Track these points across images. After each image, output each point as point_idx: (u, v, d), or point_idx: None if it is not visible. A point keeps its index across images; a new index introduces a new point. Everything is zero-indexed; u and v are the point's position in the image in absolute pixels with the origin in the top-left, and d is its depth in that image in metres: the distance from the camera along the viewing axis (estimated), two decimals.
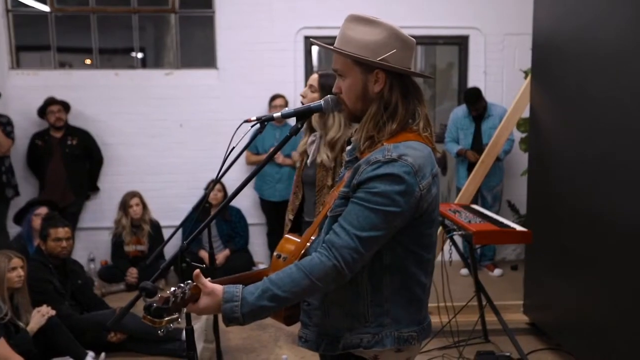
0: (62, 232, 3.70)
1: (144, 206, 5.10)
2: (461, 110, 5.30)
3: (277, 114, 1.81)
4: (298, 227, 2.76)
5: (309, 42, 5.53)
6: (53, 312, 3.32)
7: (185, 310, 1.43)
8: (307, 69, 5.58)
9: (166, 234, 5.21)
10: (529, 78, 4.00)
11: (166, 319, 1.35)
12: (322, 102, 1.70)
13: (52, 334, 3.27)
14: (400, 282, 1.48)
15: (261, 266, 5.42)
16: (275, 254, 1.63)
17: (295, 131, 1.75)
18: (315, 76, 2.65)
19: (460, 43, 5.70)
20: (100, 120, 5.37)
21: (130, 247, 5.05)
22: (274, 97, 5.27)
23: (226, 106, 5.38)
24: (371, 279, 1.47)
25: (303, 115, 1.73)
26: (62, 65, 5.67)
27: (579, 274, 3.19)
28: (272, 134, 5.20)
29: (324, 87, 2.53)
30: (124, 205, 5.05)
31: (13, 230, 5.05)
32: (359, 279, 1.46)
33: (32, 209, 4.42)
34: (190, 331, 1.80)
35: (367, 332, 1.49)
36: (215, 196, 5.10)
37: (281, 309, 1.48)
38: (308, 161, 2.66)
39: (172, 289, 1.36)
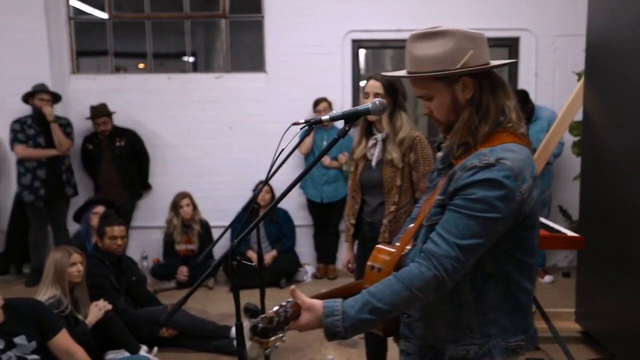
0: (117, 230, 3.85)
1: (194, 206, 5.23)
2: None
3: (325, 117, 1.85)
4: (358, 230, 2.79)
5: (356, 45, 5.56)
6: (110, 307, 3.46)
7: (288, 328, 1.44)
8: (354, 73, 5.61)
9: (215, 233, 5.33)
10: (582, 80, 3.90)
11: (272, 338, 1.40)
12: (369, 105, 1.72)
13: (109, 327, 3.41)
14: (504, 290, 1.43)
15: (307, 268, 5.48)
16: (368, 264, 1.61)
17: (343, 133, 1.79)
18: (377, 84, 2.63)
19: (511, 45, 5.60)
20: (153, 123, 5.55)
21: (181, 246, 5.20)
22: (318, 101, 5.32)
23: (273, 109, 5.46)
24: (473, 288, 1.43)
25: (351, 118, 1.76)
26: (117, 69, 5.90)
27: (636, 282, 3.09)
28: (319, 136, 5.25)
29: (389, 89, 2.58)
30: (175, 206, 5.20)
31: (72, 227, 5.29)
32: (460, 288, 1.42)
33: (90, 208, 4.62)
34: (240, 327, 1.85)
35: (473, 343, 1.44)
36: (263, 197, 5.18)
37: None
38: (373, 164, 2.68)
39: (275, 308, 1.40)
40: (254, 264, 2.05)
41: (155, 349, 3.66)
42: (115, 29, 5.70)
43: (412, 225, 1.62)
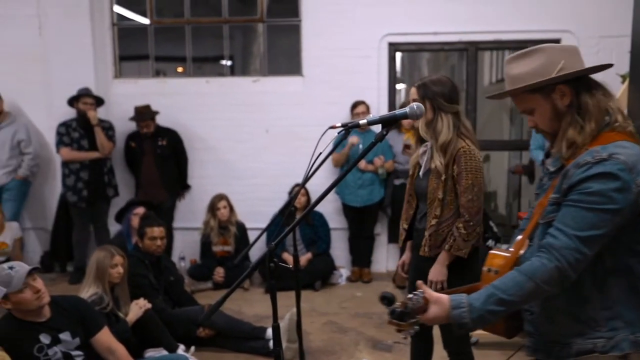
0: (157, 231, 3.93)
1: (231, 209, 5.30)
2: None
3: (362, 121, 1.86)
4: (410, 236, 2.76)
5: (392, 48, 5.54)
6: (149, 305, 3.54)
7: (419, 319, 1.51)
8: (391, 76, 5.59)
9: (251, 235, 5.39)
10: (626, 82, 3.80)
11: (409, 322, 1.50)
12: (407, 109, 1.73)
13: (148, 325, 3.48)
14: (627, 283, 1.46)
15: (342, 271, 5.48)
16: (485, 268, 1.65)
17: (380, 138, 1.79)
18: (413, 90, 2.61)
19: None
20: (191, 126, 5.65)
21: (218, 247, 5.27)
22: (355, 104, 5.32)
23: (310, 112, 5.49)
24: (595, 282, 1.46)
25: (388, 122, 1.77)
26: (157, 73, 6.03)
27: None
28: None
29: (425, 97, 2.54)
30: (212, 208, 5.27)
31: (113, 227, 5.43)
32: (582, 283, 1.46)
33: (131, 209, 4.73)
34: (276, 328, 1.88)
35: (600, 336, 1.47)
36: (299, 200, 5.22)
37: (500, 322, 1.54)
38: (421, 172, 2.65)
39: (409, 295, 1.50)
40: (290, 266, 2.07)
41: (193, 348, 3.72)
42: (156, 34, 5.83)
43: (519, 237, 1.64)
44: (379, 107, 5.48)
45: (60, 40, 5.46)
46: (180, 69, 6.06)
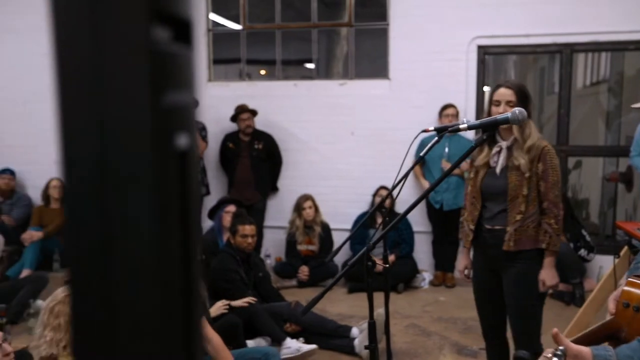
0: (248, 229, 4.10)
1: (316, 209, 5.42)
2: None
3: (463, 125, 1.89)
4: (476, 236, 2.79)
5: (482, 51, 5.46)
6: (254, 300, 3.73)
7: None
8: (479, 79, 5.51)
9: (335, 235, 5.48)
10: None
11: None
12: (509, 114, 1.74)
13: (256, 317, 3.67)
14: None
15: (425, 274, 5.45)
16: (622, 301, 1.50)
17: (480, 142, 1.82)
18: (508, 91, 2.59)
19: None
20: (279, 128, 5.83)
21: (303, 246, 5.41)
22: (445, 107, 5.28)
23: (396, 115, 5.52)
24: None
25: (489, 127, 1.78)
26: (248, 76, 6.27)
27: None
28: (442, 143, 5.20)
29: (522, 96, 2.56)
30: (298, 207, 5.42)
31: (204, 224, 5.69)
32: None
33: (223, 206, 4.95)
34: (372, 325, 1.94)
35: None
36: (384, 203, 5.25)
37: None
38: (497, 170, 2.67)
39: (548, 355, 1.41)
40: (388, 265, 2.13)
41: (302, 339, 3.84)
42: (247, 39, 6.07)
43: None
44: (466, 111, 5.41)
45: None
46: (263, 72, 6.25)
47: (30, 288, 4.49)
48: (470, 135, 4.98)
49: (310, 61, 6.20)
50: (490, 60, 6.94)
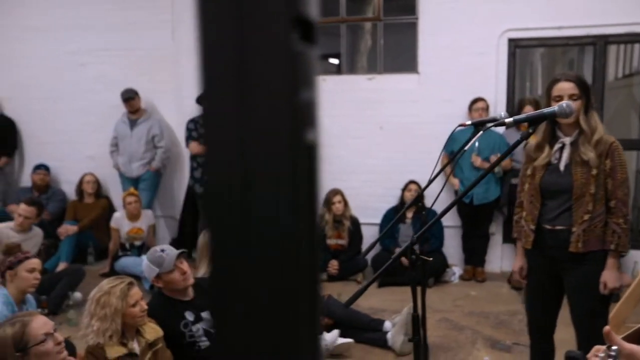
0: None
1: (345, 203, 5.44)
2: None
3: (509, 120, 1.88)
4: (535, 236, 2.72)
5: (513, 44, 5.41)
6: None
7: None
8: (510, 72, 5.46)
9: (364, 230, 5.50)
10: None
11: None
12: (556, 107, 1.74)
13: None
14: None
15: (455, 269, 5.44)
16: None
17: (526, 136, 1.81)
18: (569, 84, 2.50)
19: None
20: None
21: (332, 240, 5.43)
22: (475, 101, 5.25)
23: (425, 109, 5.50)
24: None
25: (536, 121, 1.78)
26: None
27: None
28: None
29: (583, 87, 2.49)
30: (327, 202, 5.44)
31: None
32: None
33: None
34: (416, 318, 1.96)
35: None
36: (412, 196, 5.26)
37: None
38: (561, 167, 2.58)
39: (601, 354, 1.40)
40: (431, 259, 2.15)
41: (338, 332, 3.79)
42: None
43: None
44: (497, 105, 5.37)
45: (191, 42, 5.85)
46: None
47: (68, 280, 4.61)
48: (500, 129, 4.94)
49: (337, 56, 6.21)
50: (518, 52, 6.86)
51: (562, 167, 2.57)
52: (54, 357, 2.06)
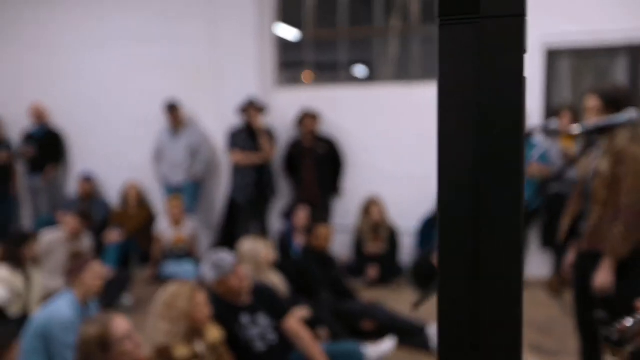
0: (324, 229, 4.26)
1: (383, 210, 5.53)
2: None
3: (576, 129, 1.96)
4: (576, 236, 2.83)
5: (548, 52, 5.45)
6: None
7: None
8: (546, 79, 5.49)
9: (402, 236, 5.58)
10: None
11: (626, 347, 1.48)
12: (629, 116, 1.81)
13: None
14: None
15: None
16: None
17: (594, 144, 1.89)
18: (591, 98, 2.56)
19: None
20: (346, 130, 5.97)
21: (370, 247, 5.52)
22: None
23: None
24: None
25: (605, 129, 1.85)
26: (315, 81, 6.44)
27: None
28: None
29: (608, 101, 2.56)
30: (366, 208, 5.54)
31: (272, 226, 5.90)
32: None
33: (295, 208, 5.13)
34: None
35: None
36: None
37: None
38: (591, 174, 2.69)
39: (630, 320, 1.50)
40: None
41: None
42: (313, 44, 6.24)
43: None
44: (532, 111, 5.41)
45: (230, 54, 6.05)
46: (304, 76, 6.41)
47: (117, 286, 4.78)
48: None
49: (371, 64, 6.31)
50: (552, 59, 6.86)
51: (591, 174, 2.68)
52: (132, 356, 2.20)
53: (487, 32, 0.45)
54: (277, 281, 3.80)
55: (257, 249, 3.75)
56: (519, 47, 0.45)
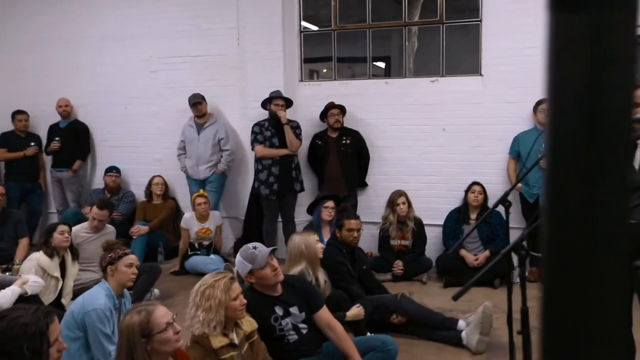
0: (354, 223, 4.24)
1: (409, 204, 5.50)
2: None
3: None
4: None
5: None
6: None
7: None
8: None
9: (427, 231, 5.55)
10: None
11: None
12: None
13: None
14: None
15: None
16: None
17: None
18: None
19: None
20: (371, 125, 5.95)
21: (396, 241, 5.50)
22: (540, 102, 5.24)
23: (489, 111, 5.52)
24: None
25: None
26: (339, 75, 6.42)
27: None
28: (540, 139, 5.18)
29: None
30: (392, 203, 5.51)
31: (297, 220, 5.90)
32: None
33: (322, 202, 5.13)
34: (525, 311, 2.02)
35: None
36: (476, 198, 5.29)
37: None
38: (636, 165, 2.69)
39: None
40: (539, 254, 2.18)
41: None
42: (339, 39, 6.22)
43: None
44: None
45: (255, 48, 6.06)
46: (325, 70, 6.37)
47: (146, 278, 4.81)
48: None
49: (395, 58, 6.28)
50: None
51: (637, 166, 2.68)
52: (173, 344, 2.21)
53: (602, 23, 0.44)
54: (323, 276, 3.78)
55: (311, 244, 3.72)
56: (632, 37, 0.44)
